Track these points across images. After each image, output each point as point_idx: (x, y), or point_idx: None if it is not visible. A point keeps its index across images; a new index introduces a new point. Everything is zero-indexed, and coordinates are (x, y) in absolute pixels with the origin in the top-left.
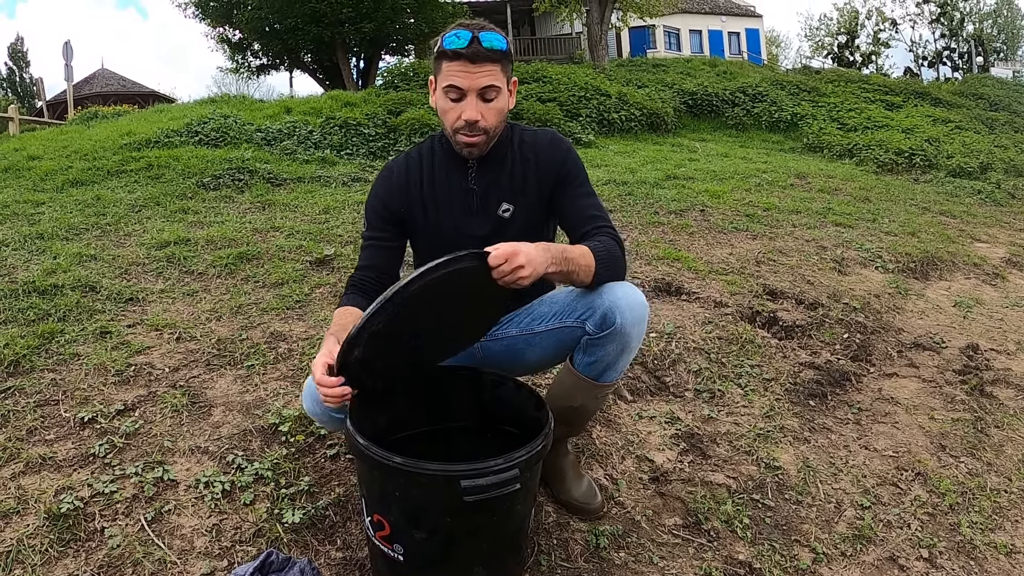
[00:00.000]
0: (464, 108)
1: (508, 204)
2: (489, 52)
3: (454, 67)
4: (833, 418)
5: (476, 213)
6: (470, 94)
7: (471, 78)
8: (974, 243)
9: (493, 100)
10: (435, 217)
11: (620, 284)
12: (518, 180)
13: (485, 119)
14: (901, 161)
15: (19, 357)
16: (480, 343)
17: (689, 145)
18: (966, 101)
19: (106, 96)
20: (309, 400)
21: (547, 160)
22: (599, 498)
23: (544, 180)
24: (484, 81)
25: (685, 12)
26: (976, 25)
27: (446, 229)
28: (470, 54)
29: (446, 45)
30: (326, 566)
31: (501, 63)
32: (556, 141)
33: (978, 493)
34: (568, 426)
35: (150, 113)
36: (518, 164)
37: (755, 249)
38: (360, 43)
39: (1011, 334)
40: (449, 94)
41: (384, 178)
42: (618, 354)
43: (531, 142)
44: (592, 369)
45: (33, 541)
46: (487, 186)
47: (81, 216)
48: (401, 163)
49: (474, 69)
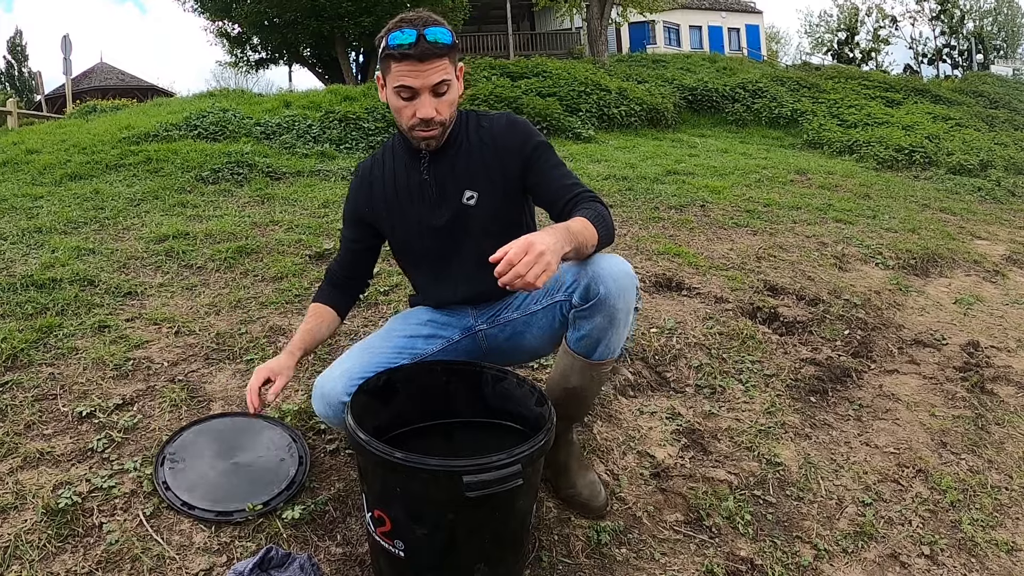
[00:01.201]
0: (418, 106)
1: (471, 191)
2: (436, 48)
3: (403, 68)
4: (834, 414)
5: (435, 203)
6: (423, 92)
7: (422, 77)
8: (974, 240)
9: (445, 93)
10: (399, 212)
11: (605, 255)
12: (476, 166)
13: (440, 112)
14: (901, 158)
15: (17, 351)
16: (483, 331)
17: (689, 141)
18: (966, 98)
19: (105, 90)
20: (321, 403)
21: (506, 143)
22: (603, 496)
23: (508, 164)
24: (435, 78)
25: (685, 8)
26: (976, 22)
27: (410, 222)
28: (418, 53)
29: (391, 44)
30: (326, 562)
31: (448, 55)
32: (513, 122)
33: (979, 490)
34: (567, 412)
35: (149, 107)
36: (475, 150)
37: (755, 245)
38: (359, 37)
39: (1011, 331)
40: (401, 93)
41: (354, 182)
42: (606, 327)
43: (488, 127)
44: (582, 345)
45: (31, 536)
46: (442, 175)
47: (79, 210)
48: (367, 165)
49: (424, 67)
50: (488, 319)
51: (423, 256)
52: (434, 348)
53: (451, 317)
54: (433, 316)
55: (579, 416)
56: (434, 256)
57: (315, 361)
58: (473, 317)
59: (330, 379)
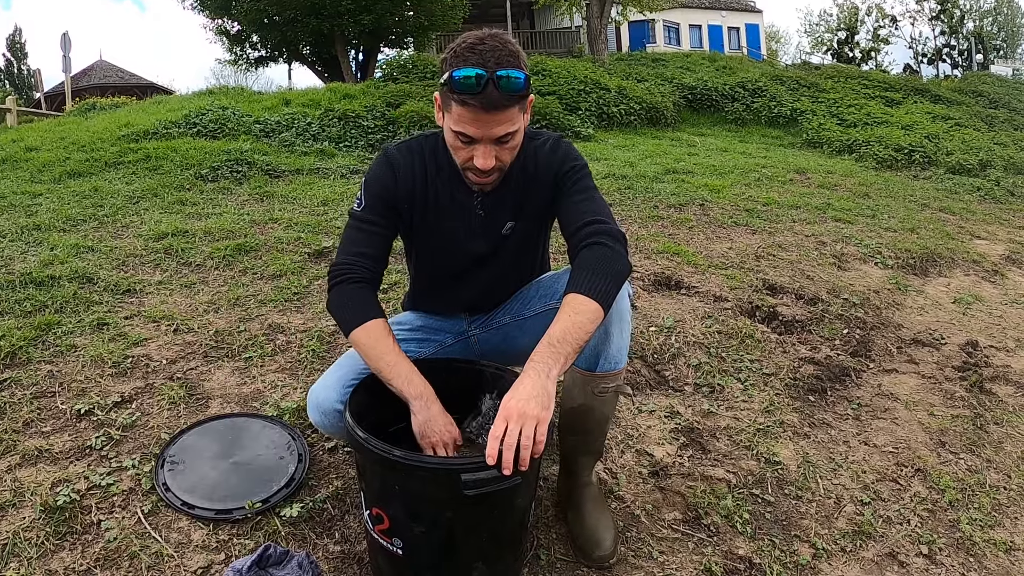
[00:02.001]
0: (475, 153)
1: (511, 222)
2: (506, 98)
3: (465, 113)
4: (833, 414)
5: (478, 234)
6: (484, 142)
7: (485, 128)
8: (973, 240)
9: (509, 141)
10: (436, 227)
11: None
12: (519, 196)
13: (500, 160)
14: (900, 157)
15: (15, 349)
16: (476, 334)
17: (689, 140)
18: (966, 98)
19: (104, 88)
20: (316, 412)
21: (545, 167)
22: (607, 546)
23: (543, 193)
24: (500, 130)
25: (685, 7)
26: (976, 22)
27: (445, 243)
28: (484, 102)
29: (455, 79)
30: (324, 560)
31: (519, 104)
32: (554, 148)
33: (977, 490)
34: (578, 440)
35: (148, 105)
36: (521, 180)
37: (755, 244)
38: (359, 35)
39: (1010, 331)
40: (459, 137)
41: (388, 166)
42: (602, 337)
43: (533, 154)
44: (582, 358)
45: (29, 534)
46: (492, 208)
47: (79, 207)
48: (407, 158)
49: (488, 118)
50: (481, 324)
51: (442, 270)
52: (427, 351)
53: (444, 322)
54: (425, 322)
55: (592, 446)
56: (452, 272)
57: (314, 360)
58: (467, 323)
59: (324, 388)
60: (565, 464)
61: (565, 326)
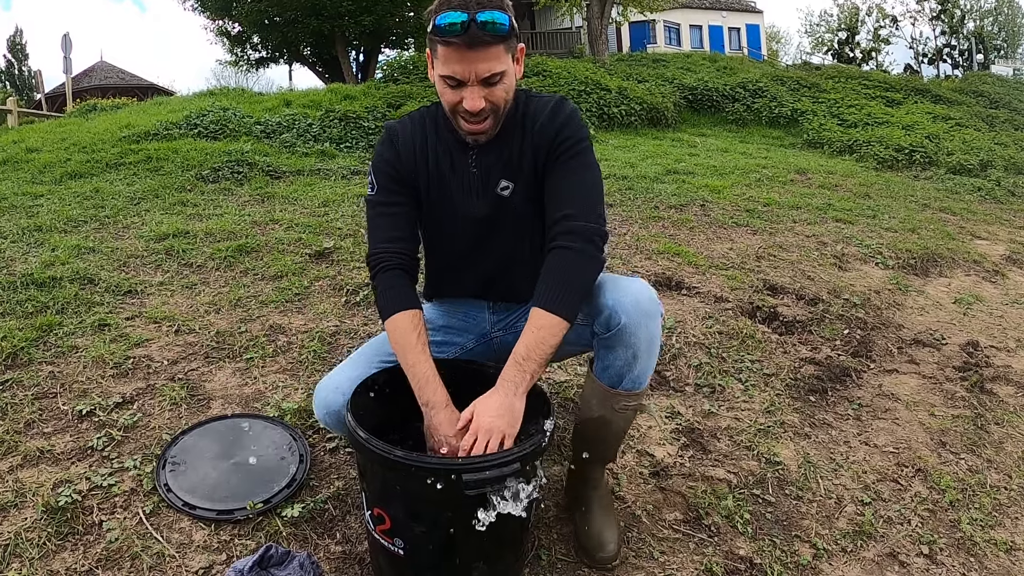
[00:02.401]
0: (465, 96)
1: (507, 181)
2: (488, 35)
3: (450, 54)
4: (833, 414)
5: (476, 194)
6: (471, 83)
7: (471, 66)
8: (974, 240)
9: (498, 83)
10: (437, 195)
11: (628, 280)
12: (515, 154)
13: (491, 102)
14: (901, 158)
15: (17, 350)
16: (499, 336)
17: (689, 140)
18: (966, 98)
19: (105, 89)
20: (322, 411)
21: (542, 129)
22: (610, 548)
23: (538, 152)
24: (485, 68)
25: (685, 7)
26: (976, 22)
27: (446, 208)
28: (467, 40)
29: (439, 24)
30: (325, 560)
31: (504, 43)
32: (556, 111)
33: (978, 490)
34: (592, 446)
35: (149, 106)
36: (518, 137)
37: (755, 244)
38: (359, 36)
39: (1011, 331)
40: (447, 81)
41: (389, 141)
42: (630, 359)
43: (532, 111)
44: (607, 376)
45: (31, 534)
46: (488, 166)
47: (80, 208)
48: (405, 128)
49: (473, 56)
50: (504, 327)
51: (450, 242)
52: (448, 354)
53: (466, 321)
54: (448, 322)
55: (606, 454)
56: (461, 245)
57: (315, 361)
58: (490, 323)
59: (333, 391)
60: (576, 468)
61: (529, 343)
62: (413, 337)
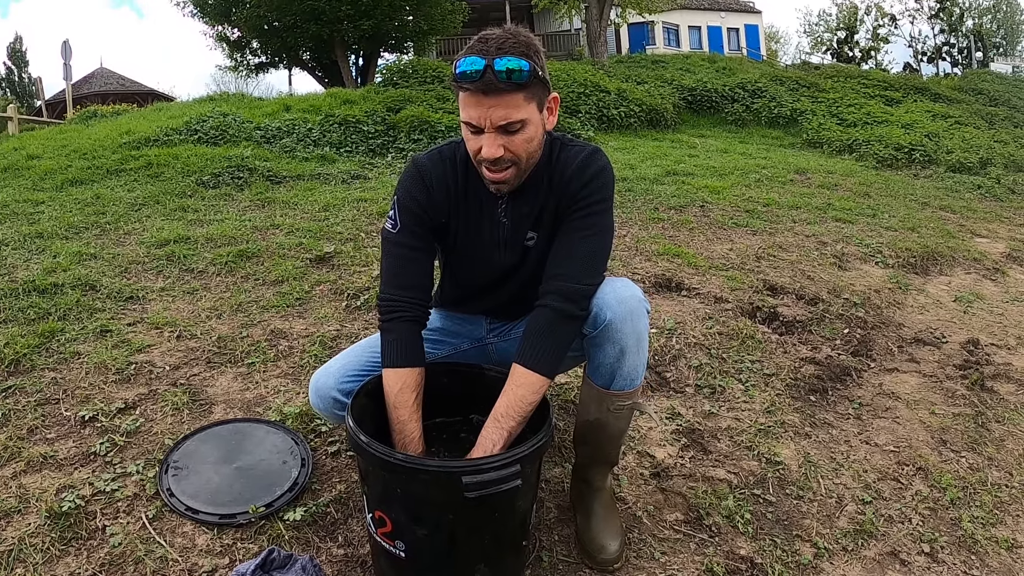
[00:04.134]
0: (483, 143)
1: (532, 232)
2: (504, 84)
3: (468, 99)
4: (834, 413)
5: (505, 245)
6: (488, 130)
7: (486, 112)
8: (974, 238)
9: (518, 132)
10: (465, 240)
11: (612, 280)
12: (540, 205)
13: (510, 151)
14: (901, 156)
15: (19, 356)
16: (494, 342)
17: (689, 141)
18: (966, 96)
19: (105, 95)
20: (314, 395)
21: (567, 184)
22: (612, 551)
23: (560, 204)
24: (500, 115)
25: (684, 8)
26: (975, 20)
27: (476, 256)
28: (483, 87)
29: (458, 72)
30: (328, 563)
31: (524, 91)
32: (587, 163)
33: (979, 488)
34: (592, 450)
35: (149, 112)
36: (544, 189)
37: (755, 245)
38: (359, 41)
39: (1011, 329)
40: (468, 127)
41: (419, 178)
42: (617, 354)
43: (563, 162)
44: (598, 375)
45: (35, 540)
46: (518, 220)
47: (81, 215)
48: (437, 167)
49: (488, 102)
50: (499, 334)
51: (470, 279)
52: (440, 353)
53: (462, 326)
54: (445, 324)
55: (606, 456)
56: (481, 282)
57: (316, 365)
58: (486, 329)
59: (325, 374)
60: (578, 471)
61: (509, 401)
62: (412, 398)
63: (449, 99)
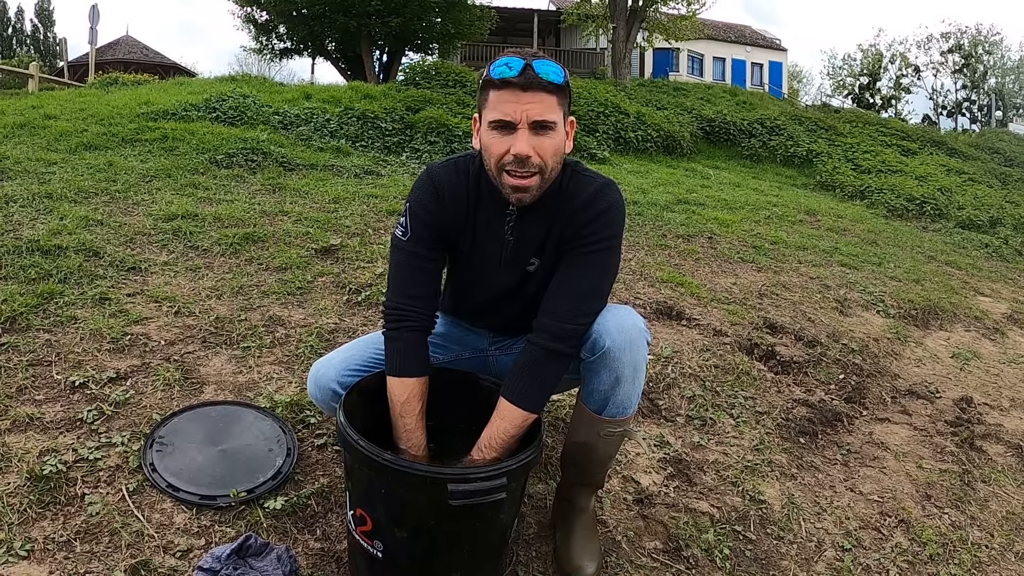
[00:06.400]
0: (514, 141)
1: (535, 258)
2: (544, 82)
3: (503, 96)
4: (822, 457)
5: (507, 266)
6: (521, 126)
7: (523, 107)
8: (977, 296)
9: (549, 134)
10: (471, 257)
11: (616, 307)
12: (547, 230)
13: (539, 155)
14: (912, 208)
15: (16, 314)
16: (495, 355)
17: (703, 171)
18: (982, 154)
19: (128, 63)
20: (312, 385)
21: (575, 215)
22: (590, 571)
23: (565, 234)
24: (537, 111)
25: (711, 39)
26: (998, 79)
27: (479, 273)
28: (522, 82)
29: (494, 74)
30: (304, 555)
31: (557, 96)
32: (598, 196)
33: (959, 545)
34: (579, 471)
35: (170, 85)
36: (551, 215)
37: (759, 281)
38: (385, 37)
39: (1006, 390)
40: (496, 127)
41: (433, 190)
42: (613, 383)
43: (574, 191)
44: (592, 400)
45: (12, 499)
46: (522, 237)
47: (92, 180)
48: (451, 179)
49: (526, 98)
50: (501, 348)
51: (472, 294)
52: (441, 358)
53: (466, 335)
54: (449, 331)
55: (592, 478)
56: (483, 299)
57: (311, 356)
58: (489, 342)
59: (326, 365)
60: (562, 490)
61: (493, 432)
62: (418, 407)
63: (469, 104)
